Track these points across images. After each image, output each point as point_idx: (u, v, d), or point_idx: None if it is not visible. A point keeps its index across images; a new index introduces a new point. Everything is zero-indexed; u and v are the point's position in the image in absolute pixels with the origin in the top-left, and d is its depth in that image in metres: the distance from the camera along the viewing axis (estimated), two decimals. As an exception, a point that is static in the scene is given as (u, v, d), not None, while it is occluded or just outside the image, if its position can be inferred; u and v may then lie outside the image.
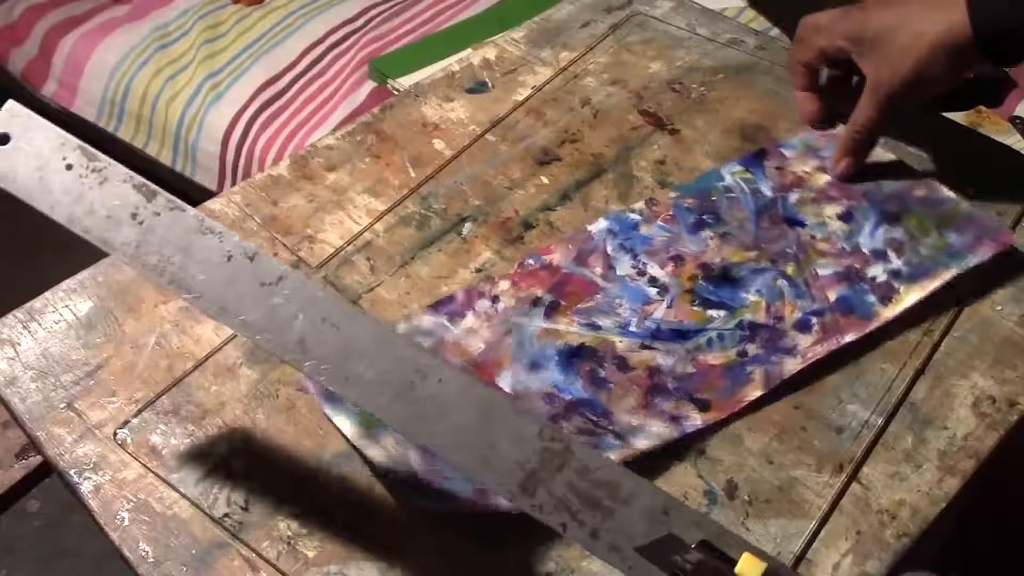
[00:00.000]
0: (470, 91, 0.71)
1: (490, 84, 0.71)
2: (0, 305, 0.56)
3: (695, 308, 0.55)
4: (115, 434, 0.50)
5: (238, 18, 1.41)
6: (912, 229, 0.58)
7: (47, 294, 0.56)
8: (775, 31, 1.17)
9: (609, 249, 0.58)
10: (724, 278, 0.57)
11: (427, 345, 0.52)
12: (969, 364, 0.54)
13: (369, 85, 1.26)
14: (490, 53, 0.74)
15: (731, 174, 0.63)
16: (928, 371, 0.53)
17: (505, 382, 0.51)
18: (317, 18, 1.39)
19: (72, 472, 0.48)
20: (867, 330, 0.54)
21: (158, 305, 0.55)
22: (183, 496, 0.47)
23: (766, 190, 0.62)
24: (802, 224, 0.59)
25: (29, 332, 0.54)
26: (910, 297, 0.55)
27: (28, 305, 0.55)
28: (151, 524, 0.46)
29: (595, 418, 0.49)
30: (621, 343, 0.53)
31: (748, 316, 0.55)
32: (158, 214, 0.40)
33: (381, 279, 0.57)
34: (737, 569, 0.35)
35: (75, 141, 0.41)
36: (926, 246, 0.57)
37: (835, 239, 0.58)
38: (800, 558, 0.46)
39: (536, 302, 0.55)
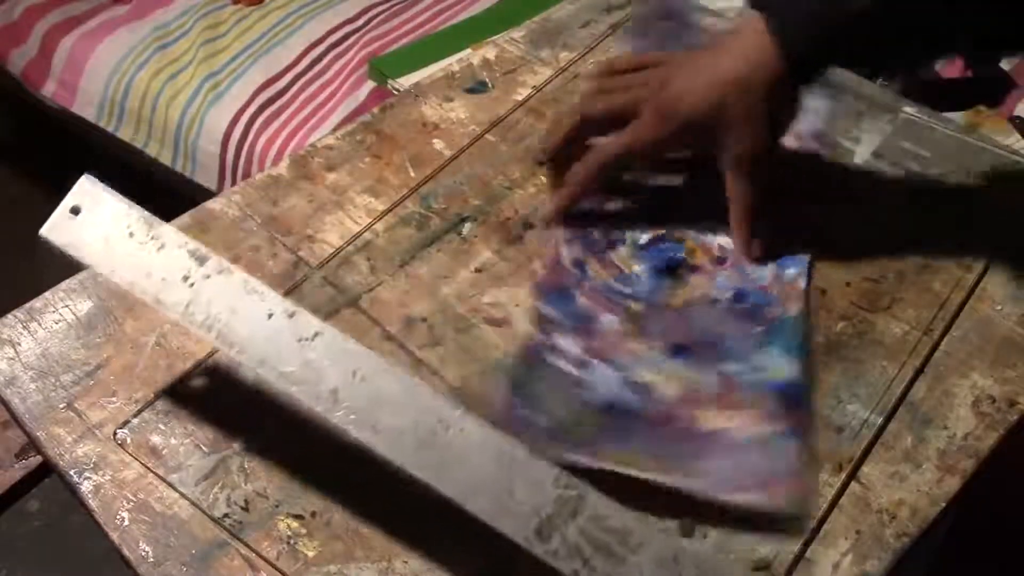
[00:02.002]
0: (470, 91, 0.71)
1: (490, 84, 0.71)
2: (0, 305, 0.56)
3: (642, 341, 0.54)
4: (115, 434, 0.50)
5: (238, 18, 1.41)
6: None
7: (47, 294, 0.56)
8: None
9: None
10: (681, 350, 0.53)
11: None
12: (969, 364, 0.54)
13: (369, 85, 1.26)
14: (490, 53, 0.74)
15: None
16: (928, 370, 0.53)
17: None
18: (317, 18, 1.39)
19: (72, 472, 0.48)
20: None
21: (158, 305, 0.55)
22: (183, 496, 0.47)
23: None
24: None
25: (29, 332, 0.54)
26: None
27: (28, 305, 0.55)
28: (151, 524, 0.46)
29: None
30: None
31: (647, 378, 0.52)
32: (208, 276, 0.45)
33: (381, 279, 0.57)
34: None
35: (138, 212, 0.47)
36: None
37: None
38: (800, 558, 0.46)
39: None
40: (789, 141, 0.62)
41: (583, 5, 0.79)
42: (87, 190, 0.47)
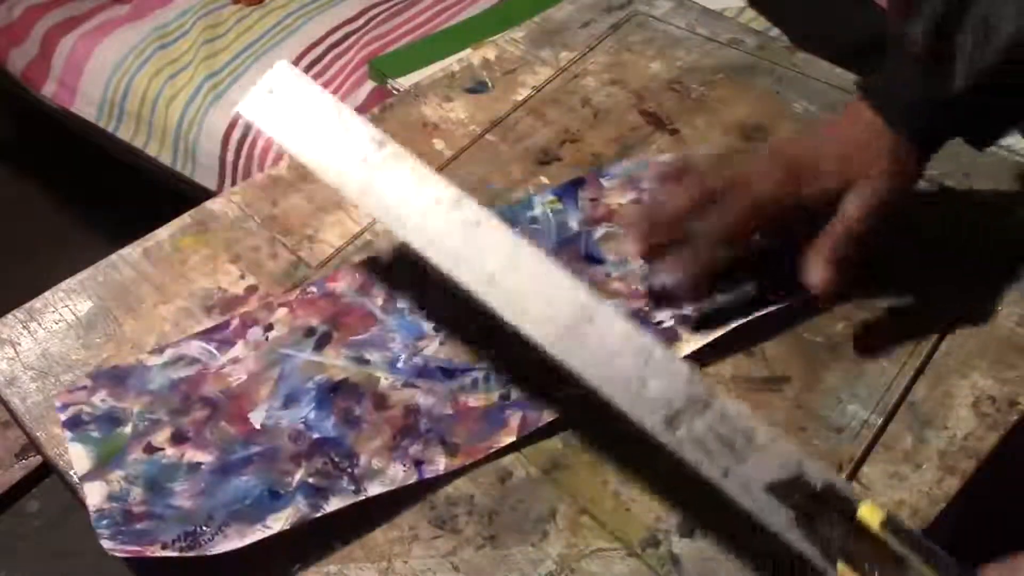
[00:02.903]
0: (470, 91, 0.71)
1: (490, 84, 0.71)
2: (0, 305, 0.56)
3: (468, 346, 0.53)
4: (115, 434, 0.50)
5: (238, 18, 1.41)
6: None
7: (47, 294, 0.56)
8: (775, 31, 1.17)
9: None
10: None
11: (184, 375, 0.51)
12: (969, 364, 0.54)
13: (369, 85, 1.26)
14: (490, 53, 0.74)
15: (543, 204, 0.60)
16: (928, 371, 0.53)
17: (257, 416, 0.49)
18: (317, 18, 1.39)
19: (72, 472, 0.48)
20: None
21: (158, 305, 0.55)
22: (183, 496, 0.47)
23: (573, 223, 0.59)
24: (601, 261, 0.56)
25: (29, 332, 0.54)
26: (690, 345, 0.52)
27: (28, 305, 0.55)
28: (151, 524, 0.46)
29: (337, 459, 0.47)
30: (386, 380, 0.51)
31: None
32: (384, 160, 0.49)
33: (381, 279, 0.57)
34: (859, 515, 0.38)
35: (329, 97, 0.51)
36: (723, 293, 0.54)
37: (631, 279, 0.55)
38: (800, 558, 0.45)
39: (310, 332, 0.53)
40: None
41: (583, 5, 0.79)
42: (283, 74, 0.53)
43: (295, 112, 0.51)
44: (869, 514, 0.38)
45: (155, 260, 0.58)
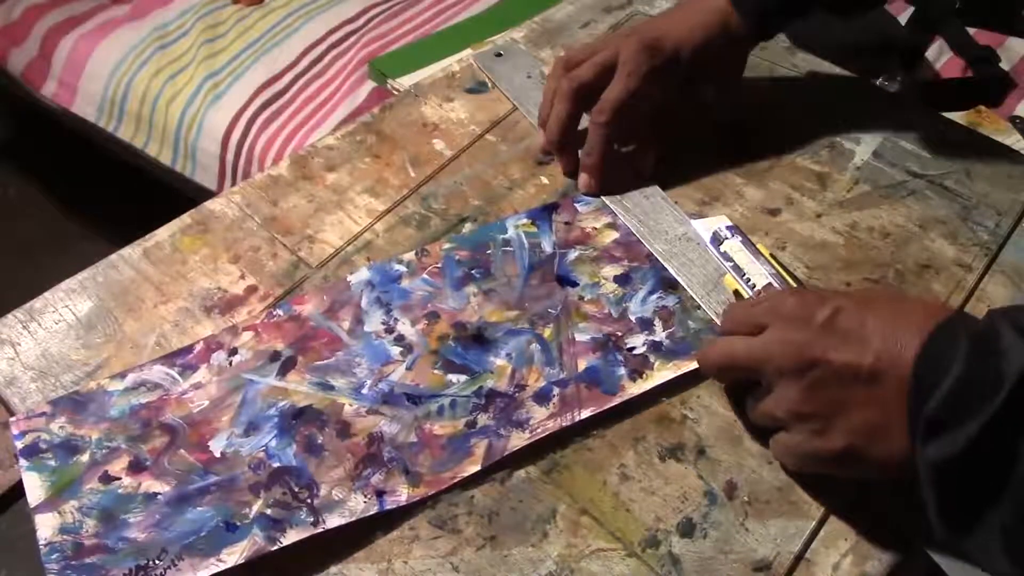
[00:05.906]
0: (470, 91, 0.71)
1: (490, 84, 0.71)
2: (0, 305, 0.56)
3: (435, 371, 0.51)
4: (115, 434, 0.50)
5: (238, 18, 1.41)
6: (686, 299, 0.56)
7: (47, 294, 0.56)
8: (775, 31, 1.17)
9: (363, 302, 0.55)
10: (476, 339, 0.53)
11: (146, 401, 0.50)
12: (969, 364, 0.53)
13: (369, 85, 1.26)
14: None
15: (515, 227, 0.59)
16: (928, 371, 0.53)
17: (217, 444, 0.48)
18: (317, 18, 1.39)
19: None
20: (606, 406, 0.50)
21: (158, 305, 0.55)
22: (183, 496, 0.47)
23: (547, 246, 0.58)
24: (574, 284, 0.56)
25: (29, 332, 0.54)
26: (661, 375, 0.52)
27: (28, 305, 0.55)
28: (151, 524, 0.46)
29: (297, 489, 0.46)
30: (351, 406, 0.50)
31: (490, 383, 0.51)
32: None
33: (381, 279, 0.57)
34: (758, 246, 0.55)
35: (537, 63, 0.73)
36: (696, 319, 0.55)
37: (604, 302, 0.55)
38: (800, 558, 0.46)
39: (274, 357, 0.52)
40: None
41: (583, 5, 0.79)
42: (509, 42, 0.75)
43: (514, 70, 0.71)
44: (763, 248, 0.55)
45: (155, 260, 0.58)
